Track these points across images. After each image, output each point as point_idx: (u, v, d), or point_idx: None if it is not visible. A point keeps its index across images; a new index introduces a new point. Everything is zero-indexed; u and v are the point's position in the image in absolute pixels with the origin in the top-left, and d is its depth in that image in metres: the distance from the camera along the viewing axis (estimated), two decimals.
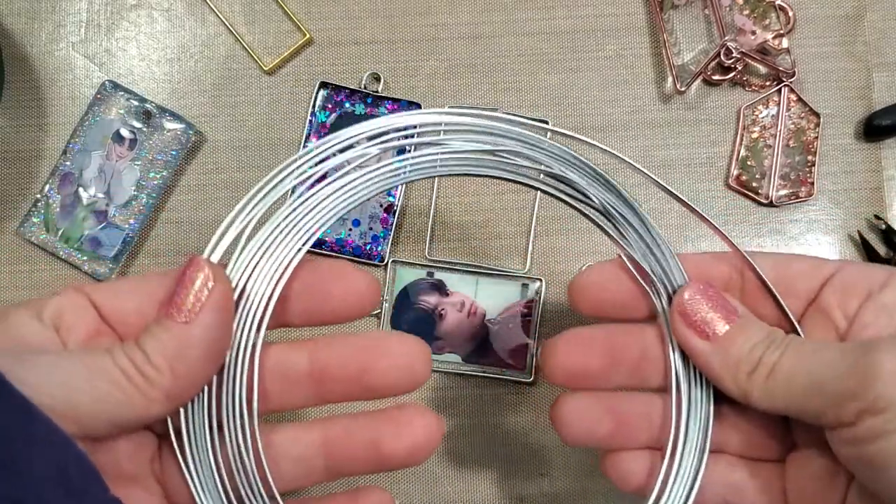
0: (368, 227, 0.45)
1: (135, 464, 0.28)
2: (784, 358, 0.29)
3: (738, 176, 0.46)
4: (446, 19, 0.47)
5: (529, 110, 0.46)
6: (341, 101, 0.45)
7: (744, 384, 0.29)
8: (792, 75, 0.46)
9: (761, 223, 0.46)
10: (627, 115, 0.46)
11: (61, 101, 0.46)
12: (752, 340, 0.29)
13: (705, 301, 0.30)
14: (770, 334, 0.30)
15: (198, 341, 0.27)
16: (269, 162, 0.46)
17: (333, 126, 0.45)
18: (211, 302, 0.27)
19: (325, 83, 0.45)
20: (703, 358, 0.30)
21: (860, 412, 0.26)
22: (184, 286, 0.27)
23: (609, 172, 0.31)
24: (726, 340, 0.30)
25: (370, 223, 0.45)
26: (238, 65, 0.47)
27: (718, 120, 0.46)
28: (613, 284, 0.32)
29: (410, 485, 0.44)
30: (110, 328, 0.28)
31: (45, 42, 0.47)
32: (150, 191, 0.45)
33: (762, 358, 0.29)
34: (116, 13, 0.47)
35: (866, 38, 0.47)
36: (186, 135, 0.45)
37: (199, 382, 0.28)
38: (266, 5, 0.47)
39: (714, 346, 0.30)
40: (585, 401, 0.31)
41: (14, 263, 0.45)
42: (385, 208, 0.45)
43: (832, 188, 0.46)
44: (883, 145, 0.46)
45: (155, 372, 0.26)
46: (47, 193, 0.45)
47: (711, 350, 0.30)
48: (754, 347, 0.29)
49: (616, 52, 0.47)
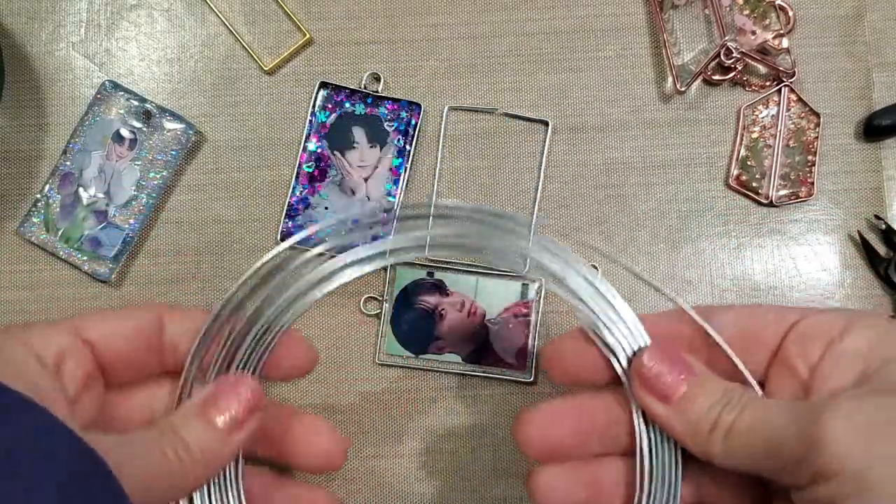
0: (369, 227, 0.44)
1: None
2: (741, 418, 0.29)
3: (738, 176, 0.46)
4: (446, 19, 0.47)
5: (529, 110, 0.46)
6: (341, 101, 0.45)
7: (704, 444, 0.29)
8: (792, 75, 0.46)
9: (761, 223, 0.46)
10: (627, 114, 0.46)
11: (61, 101, 0.46)
12: (709, 400, 0.30)
13: (663, 364, 0.31)
14: (727, 392, 0.30)
15: (230, 451, 0.31)
16: (269, 162, 0.46)
17: (333, 126, 0.45)
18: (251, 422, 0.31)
19: (325, 83, 0.45)
20: (665, 421, 0.31)
21: (812, 476, 0.26)
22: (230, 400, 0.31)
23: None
24: (685, 402, 0.30)
25: (371, 224, 0.44)
26: (238, 65, 0.47)
27: (718, 120, 0.46)
28: (577, 355, 0.33)
29: (410, 484, 0.44)
30: (100, 372, 0.32)
31: (45, 42, 0.47)
32: (150, 191, 0.45)
33: (720, 417, 0.29)
34: (116, 13, 0.47)
35: (866, 39, 0.47)
36: (186, 135, 0.45)
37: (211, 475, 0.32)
38: (266, 5, 0.47)
39: (674, 408, 0.30)
40: (559, 473, 0.33)
41: (14, 263, 0.45)
42: (385, 209, 0.44)
43: (832, 188, 0.46)
44: (883, 145, 0.46)
45: (197, 466, 0.30)
46: (47, 193, 0.45)
47: (671, 413, 0.30)
48: (711, 407, 0.29)
49: (616, 52, 0.47)
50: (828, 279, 0.45)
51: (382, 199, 0.44)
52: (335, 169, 0.44)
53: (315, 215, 0.44)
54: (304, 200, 0.44)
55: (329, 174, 0.44)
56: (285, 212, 0.44)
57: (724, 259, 0.45)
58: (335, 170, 0.44)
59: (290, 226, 0.44)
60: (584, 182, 0.46)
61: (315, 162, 0.44)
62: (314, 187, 0.44)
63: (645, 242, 0.45)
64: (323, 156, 0.44)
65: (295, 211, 0.44)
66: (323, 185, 0.44)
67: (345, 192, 0.44)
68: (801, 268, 0.45)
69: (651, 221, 0.46)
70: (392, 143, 0.44)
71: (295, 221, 0.44)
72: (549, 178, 0.46)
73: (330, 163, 0.44)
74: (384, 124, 0.44)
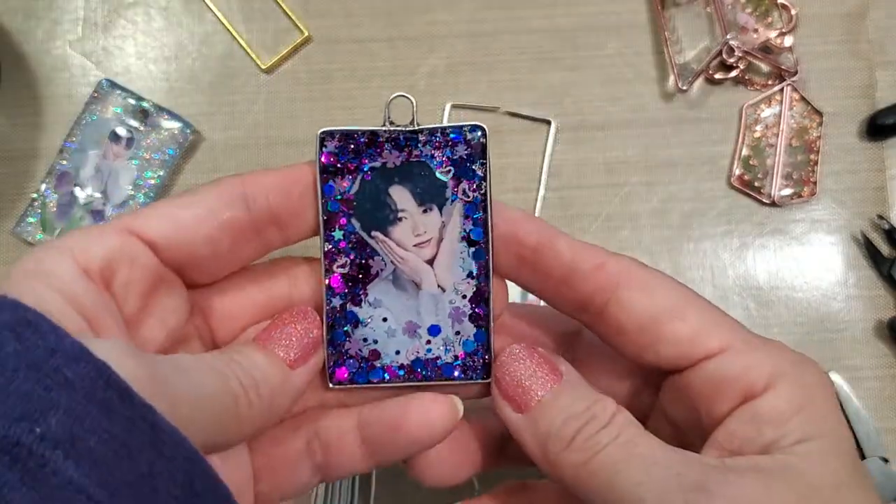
0: (454, 331, 0.29)
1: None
2: (608, 451, 0.24)
3: (741, 175, 0.45)
4: (446, 17, 0.46)
5: (530, 108, 0.46)
6: (360, 154, 0.28)
7: (553, 463, 0.25)
8: (794, 74, 0.45)
9: (764, 223, 0.45)
10: (629, 113, 0.46)
11: (58, 99, 0.46)
12: (565, 413, 0.25)
13: (521, 368, 0.27)
14: (590, 408, 0.25)
15: (293, 388, 0.26)
16: (266, 161, 0.45)
17: (360, 197, 0.28)
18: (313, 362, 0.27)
19: (328, 133, 0.28)
20: (517, 434, 0.26)
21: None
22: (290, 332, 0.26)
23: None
24: (537, 412, 0.26)
25: (454, 325, 0.29)
26: (236, 63, 0.46)
27: (720, 119, 0.46)
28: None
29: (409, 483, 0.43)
30: (174, 274, 0.25)
31: (42, 40, 0.46)
32: (147, 190, 0.45)
33: (577, 437, 0.24)
34: (113, 11, 0.47)
35: (869, 37, 0.46)
36: (184, 134, 0.45)
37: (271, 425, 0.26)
38: (264, 3, 0.46)
39: (526, 418, 0.26)
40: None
41: (10, 263, 0.45)
42: (472, 297, 0.28)
43: (835, 188, 0.45)
44: (886, 144, 0.46)
45: (259, 400, 0.24)
46: (44, 193, 0.44)
47: (523, 424, 0.26)
48: (566, 422, 0.25)
49: (617, 51, 0.46)
50: (831, 279, 0.45)
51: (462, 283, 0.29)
52: (382, 257, 0.29)
53: (373, 334, 0.29)
54: (350, 316, 0.29)
55: (374, 267, 0.29)
56: (326, 339, 0.28)
57: (726, 259, 0.45)
58: (382, 258, 0.29)
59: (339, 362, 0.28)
60: (586, 181, 0.45)
61: (349, 256, 0.28)
62: (358, 294, 0.29)
63: (647, 242, 0.45)
64: (359, 243, 0.28)
65: (340, 337, 0.28)
66: (371, 287, 0.29)
67: (404, 290, 0.29)
68: (804, 268, 0.45)
69: (653, 221, 0.45)
70: (454, 196, 0.28)
71: (345, 353, 0.28)
72: (550, 176, 0.45)
73: (371, 251, 0.29)
74: (436, 172, 0.29)
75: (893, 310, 0.44)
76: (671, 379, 0.27)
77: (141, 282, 0.24)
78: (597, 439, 0.24)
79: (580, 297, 0.27)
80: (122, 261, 0.24)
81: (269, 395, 0.25)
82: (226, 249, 0.26)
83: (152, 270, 0.25)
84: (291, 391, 0.26)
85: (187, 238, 0.25)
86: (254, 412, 0.24)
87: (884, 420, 0.43)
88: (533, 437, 0.26)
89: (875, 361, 0.44)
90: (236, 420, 0.24)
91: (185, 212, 0.25)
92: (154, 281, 0.25)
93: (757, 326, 0.44)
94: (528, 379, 0.26)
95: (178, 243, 0.25)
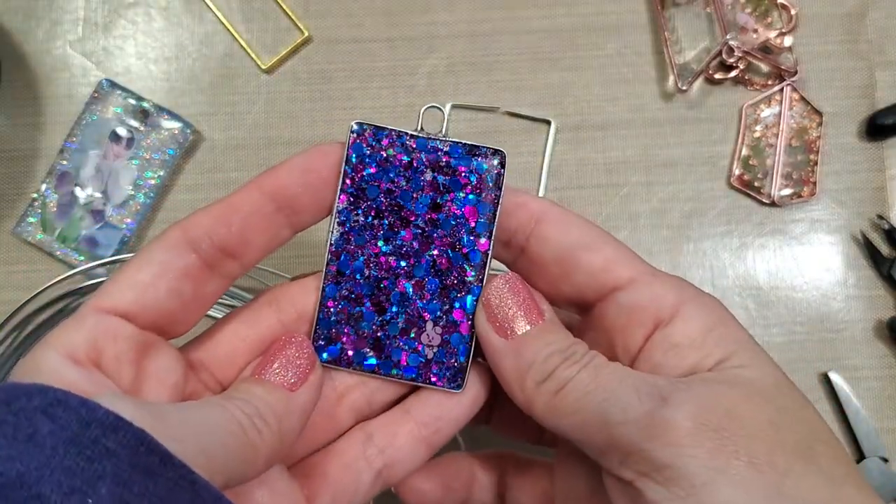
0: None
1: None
2: (579, 377, 0.25)
3: (741, 175, 0.45)
4: (446, 17, 0.46)
5: (530, 109, 0.46)
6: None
7: (530, 394, 0.26)
8: (794, 74, 0.45)
9: (763, 223, 0.45)
10: (629, 113, 0.46)
11: (58, 99, 0.46)
12: (549, 348, 0.26)
13: (512, 296, 0.28)
14: (572, 346, 0.27)
15: (299, 408, 0.27)
16: (266, 161, 0.45)
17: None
18: (312, 380, 0.27)
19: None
20: (497, 357, 0.27)
21: (643, 473, 0.23)
22: (281, 360, 0.27)
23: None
24: (522, 342, 0.27)
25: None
26: (236, 63, 0.46)
27: (720, 119, 0.46)
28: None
29: None
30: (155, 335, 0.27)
31: (42, 40, 0.46)
32: (147, 190, 0.45)
33: (556, 371, 0.26)
34: (114, 11, 0.47)
35: (869, 37, 0.46)
36: (184, 134, 0.45)
37: (286, 451, 0.27)
38: (264, 3, 0.46)
39: (510, 345, 0.27)
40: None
41: (10, 264, 0.45)
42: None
43: (835, 188, 0.45)
44: (886, 144, 0.46)
45: (266, 427, 0.25)
46: (44, 193, 0.44)
47: (505, 349, 0.27)
48: (550, 356, 0.26)
49: (617, 51, 0.46)
50: (830, 279, 0.45)
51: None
52: (383, 255, 0.29)
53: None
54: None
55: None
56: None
57: (726, 259, 0.45)
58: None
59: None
60: (585, 181, 0.45)
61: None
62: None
63: (646, 242, 0.45)
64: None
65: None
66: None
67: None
68: (804, 268, 0.45)
69: (653, 221, 0.45)
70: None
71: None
72: (550, 176, 0.45)
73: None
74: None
75: (893, 310, 0.44)
76: (589, 318, 0.29)
77: (128, 352, 0.25)
78: (572, 370, 0.26)
79: (504, 235, 0.29)
80: (105, 339, 0.25)
81: (275, 421, 0.25)
82: (190, 296, 0.27)
83: (135, 338, 0.26)
84: (298, 411, 0.27)
85: (153, 298, 0.26)
86: (265, 438, 0.25)
87: (884, 420, 0.43)
88: (513, 364, 0.27)
89: (875, 361, 0.44)
90: (251, 448, 0.24)
91: (141, 274, 0.26)
92: (140, 347, 0.26)
93: (757, 326, 0.44)
94: (519, 307, 0.27)
95: (146, 306, 0.26)
